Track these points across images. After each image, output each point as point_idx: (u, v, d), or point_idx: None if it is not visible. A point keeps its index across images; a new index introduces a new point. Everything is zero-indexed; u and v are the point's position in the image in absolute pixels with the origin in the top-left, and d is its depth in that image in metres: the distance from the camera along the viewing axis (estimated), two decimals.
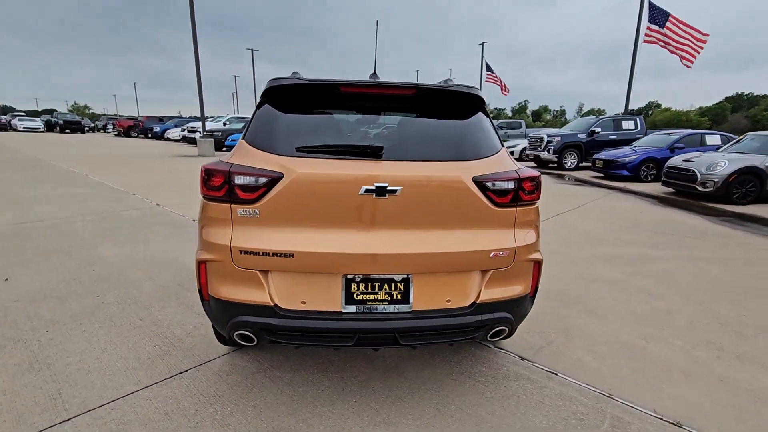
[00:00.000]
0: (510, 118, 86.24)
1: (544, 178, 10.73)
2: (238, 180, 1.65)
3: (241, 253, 1.66)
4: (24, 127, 33.77)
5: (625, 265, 4.00)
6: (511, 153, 14.23)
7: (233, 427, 1.80)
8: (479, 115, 2.00)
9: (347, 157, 1.69)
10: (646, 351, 2.49)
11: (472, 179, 1.72)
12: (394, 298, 1.71)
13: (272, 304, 1.67)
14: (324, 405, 1.95)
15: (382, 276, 1.70)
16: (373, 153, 1.70)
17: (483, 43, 30.88)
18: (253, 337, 1.73)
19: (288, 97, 1.89)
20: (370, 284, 1.70)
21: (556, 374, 2.23)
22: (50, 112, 48.53)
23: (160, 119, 32.82)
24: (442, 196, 1.70)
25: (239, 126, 20.20)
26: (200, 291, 1.81)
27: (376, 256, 1.66)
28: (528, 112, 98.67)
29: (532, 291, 1.95)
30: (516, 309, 1.86)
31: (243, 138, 1.83)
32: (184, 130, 24.46)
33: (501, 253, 1.75)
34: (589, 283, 3.54)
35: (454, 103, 1.99)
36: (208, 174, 1.70)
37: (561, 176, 11.62)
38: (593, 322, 2.84)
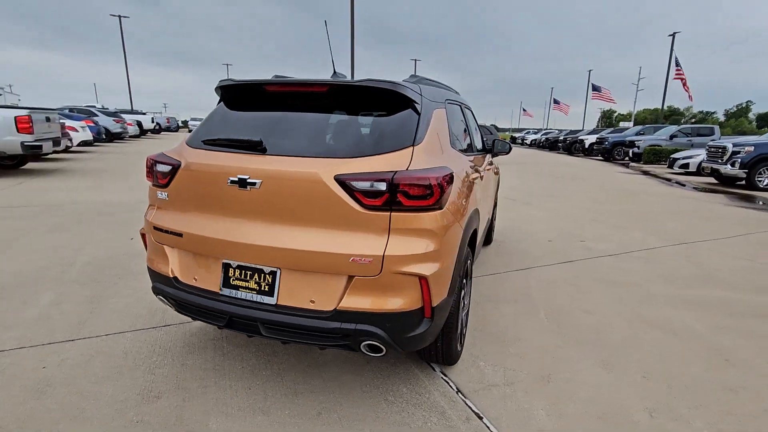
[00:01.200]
0: (719, 122, 68.93)
1: (721, 200, 8.36)
2: (157, 167, 1.96)
3: (154, 229, 1.96)
4: None
5: None
6: (685, 165, 11.74)
7: (158, 373, 2.12)
8: (396, 110, 1.86)
9: (234, 150, 1.81)
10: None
11: (335, 177, 1.62)
12: (262, 288, 1.75)
13: (172, 276, 1.92)
14: (231, 380, 2.10)
15: (252, 266, 1.76)
16: (254, 147, 1.78)
17: (674, 33, 25.61)
18: (168, 303, 2.02)
19: (227, 96, 2.12)
20: (243, 272, 1.78)
21: (481, 418, 1.86)
22: None
23: None
24: (303, 193, 1.65)
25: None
26: None
27: (247, 246, 1.73)
28: (751, 115, 76.97)
29: (426, 311, 1.70)
30: (390, 325, 1.65)
31: None
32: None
33: (363, 260, 1.60)
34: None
35: (368, 98, 1.89)
36: (148, 162, 2.06)
37: (751, 198, 8.82)
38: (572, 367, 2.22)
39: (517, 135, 41.70)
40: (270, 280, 1.74)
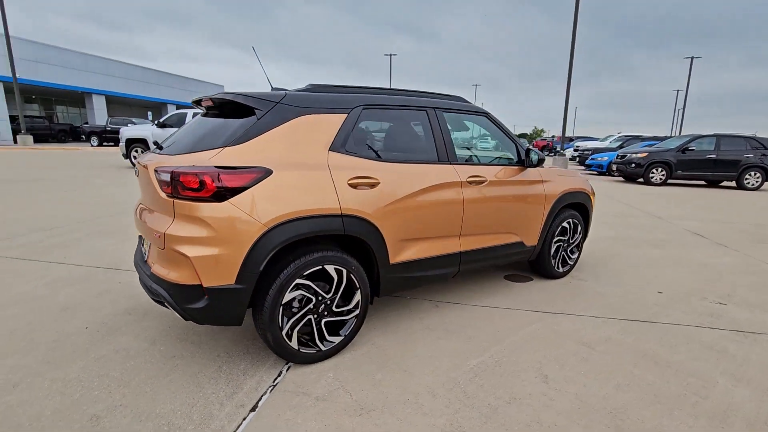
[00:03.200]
0: None
1: None
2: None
3: None
4: None
5: None
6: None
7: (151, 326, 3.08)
8: (234, 115, 2.16)
9: (156, 151, 2.50)
10: None
11: (154, 169, 2.07)
12: (145, 258, 2.36)
13: None
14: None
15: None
16: (161, 147, 2.43)
17: None
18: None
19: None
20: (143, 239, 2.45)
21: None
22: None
23: (571, 139, 34.55)
24: (148, 181, 2.17)
25: (616, 145, 18.33)
26: None
27: (138, 223, 2.39)
28: None
29: (203, 288, 1.91)
30: (172, 292, 1.97)
31: None
32: (577, 150, 24.78)
33: (156, 234, 1.99)
34: None
35: (230, 107, 2.24)
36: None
37: None
38: None
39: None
40: (147, 250, 2.36)
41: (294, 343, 2.18)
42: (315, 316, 2.24)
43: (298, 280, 2.12)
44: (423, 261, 2.67)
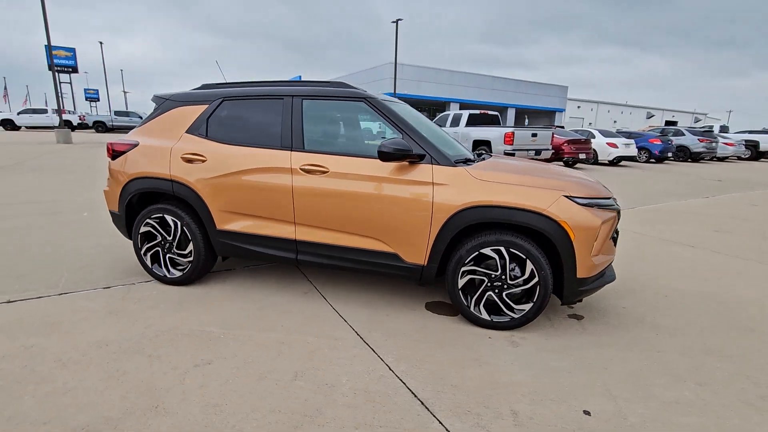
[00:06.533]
0: None
1: None
2: None
3: None
4: None
5: None
6: None
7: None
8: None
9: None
10: None
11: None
12: None
13: None
14: None
15: None
16: None
17: None
18: None
19: None
20: None
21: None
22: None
23: None
24: None
25: None
26: None
27: None
28: None
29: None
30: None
31: None
32: None
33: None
34: None
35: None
36: None
37: None
38: None
39: None
40: None
41: (148, 262, 3.22)
42: (163, 251, 3.17)
43: (148, 220, 3.14)
44: (253, 237, 2.96)
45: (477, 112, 13.18)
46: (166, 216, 3.09)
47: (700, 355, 2.41)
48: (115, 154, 3.25)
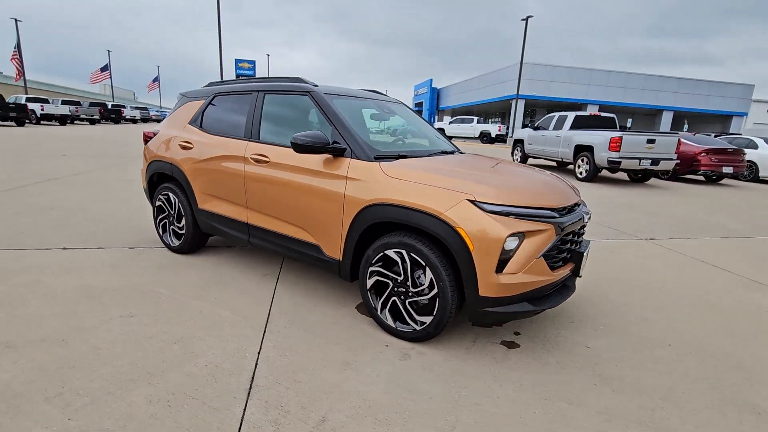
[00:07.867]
0: None
1: None
2: None
3: None
4: None
5: None
6: None
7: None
8: None
9: None
10: None
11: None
12: None
13: None
14: None
15: None
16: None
17: None
18: None
19: None
20: None
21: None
22: None
23: None
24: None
25: None
26: None
27: None
28: None
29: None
30: None
31: None
32: None
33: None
34: None
35: None
36: None
37: None
38: None
39: None
40: None
41: (160, 231, 3.86)
42: (169, 222, 3.76)
43: (160, 196, 3.77)
44: (221, 217, 3.32)
45: (586, 113, 11.63)
46: (170, 194, 3.65)
47: None
48: (146, 140, 3.97)
